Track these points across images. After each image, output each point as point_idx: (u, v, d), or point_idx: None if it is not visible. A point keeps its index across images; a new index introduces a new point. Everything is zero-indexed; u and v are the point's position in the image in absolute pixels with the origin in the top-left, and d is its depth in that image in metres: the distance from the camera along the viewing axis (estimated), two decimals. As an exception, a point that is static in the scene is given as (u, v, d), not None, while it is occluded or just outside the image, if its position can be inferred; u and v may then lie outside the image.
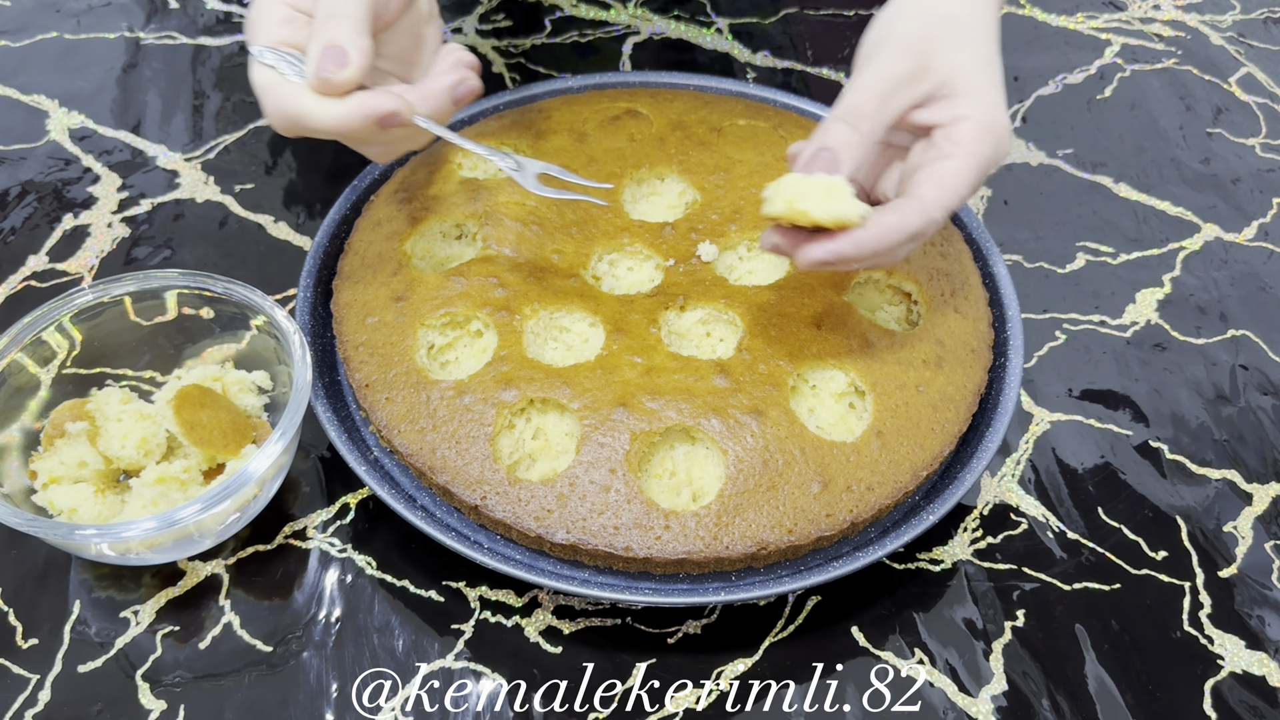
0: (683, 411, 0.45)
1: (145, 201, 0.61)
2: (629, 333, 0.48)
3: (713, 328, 0.50)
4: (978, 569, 0.47)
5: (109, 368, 0.53)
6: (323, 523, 0.48)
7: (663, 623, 0.45)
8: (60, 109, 0.66)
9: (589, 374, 0.46)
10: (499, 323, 0.48)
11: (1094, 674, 0.44)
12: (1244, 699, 0.43)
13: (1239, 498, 0.50)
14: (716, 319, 0.50)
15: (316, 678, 0.43)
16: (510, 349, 0.47)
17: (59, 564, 0.46)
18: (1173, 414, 0.53)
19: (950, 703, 0.43)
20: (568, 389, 0.46)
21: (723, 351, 0.48)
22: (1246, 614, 0.46)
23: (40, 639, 0.44)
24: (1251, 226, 0.63)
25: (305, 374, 0.45)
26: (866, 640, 0.45)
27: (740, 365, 0.47)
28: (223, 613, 0.45)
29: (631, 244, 0.52)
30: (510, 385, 0.46)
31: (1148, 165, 0.66)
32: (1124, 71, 0.73)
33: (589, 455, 0.44)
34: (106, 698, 0.42)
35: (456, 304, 0.49)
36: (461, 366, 0.49)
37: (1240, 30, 0.76)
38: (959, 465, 0.47)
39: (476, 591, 0.46)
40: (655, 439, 0.45)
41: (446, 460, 0.45)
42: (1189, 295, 0.59)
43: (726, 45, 0.73)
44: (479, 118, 0.61)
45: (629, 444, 0.44)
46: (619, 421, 0.45)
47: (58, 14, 0.73)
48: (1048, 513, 0.49)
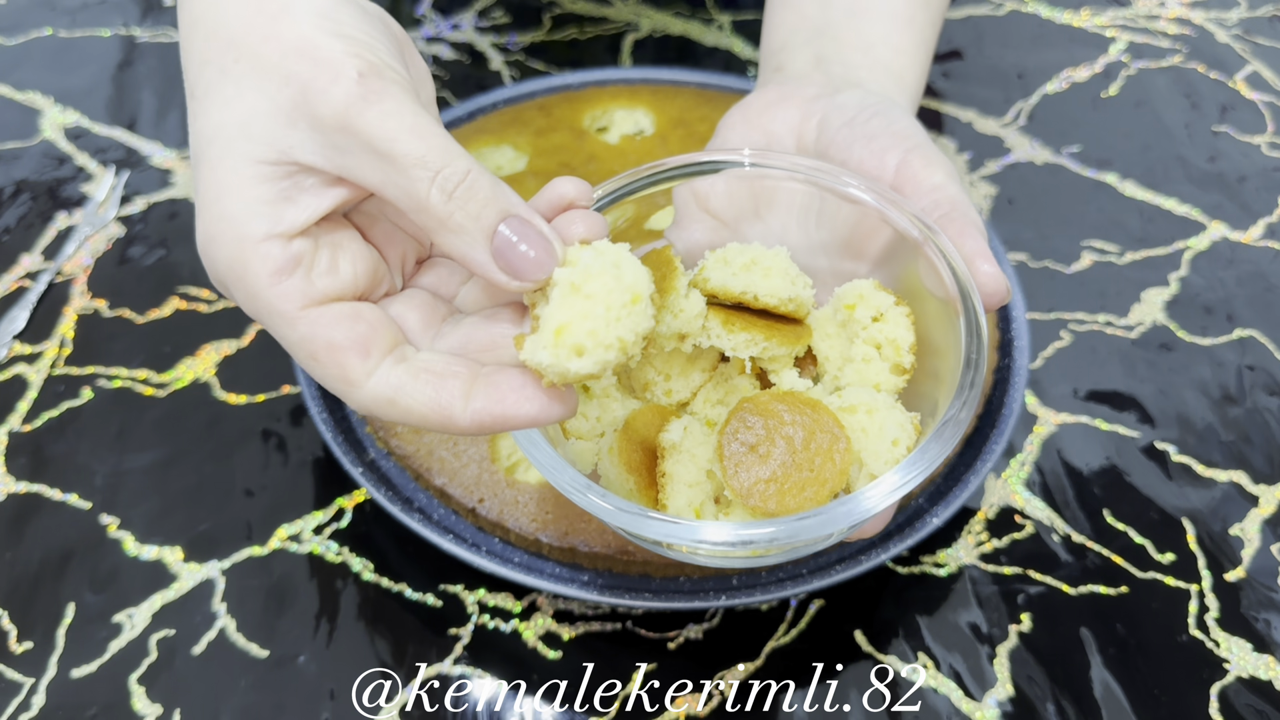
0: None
1: (140, 200, 0.61)
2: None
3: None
4: (982, 572, 0.47)
5: (101, 366, 0.52)
6: (319, 525, 0.47)
7: (663, 627, 0.44)
8: (54, 107, 0.66)
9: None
10: (497, 323, 0.48)
11: (1099, 678, 0.44)
12: (1250, 703, 0.43)
13: (1246, 500, 0.50)
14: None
15: (313, 682, 0.42)
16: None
17: (53, 567, 0.46)
18: (1179, 415, 0.53)
19: (954, 708, 0.42)
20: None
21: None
22: (1253, 617, 0.45)
23: (34, 643, 0.43)
24: (1258, 225, 0.62)
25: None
26: (870, 644, 0.44)
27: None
28: (217, 616, 0.44)
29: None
30: (509, 386, 0.46)
31: (1154, 163, 0.66)
32: (1129, 69, 0.72)
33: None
34: (101, 702, 0.42)
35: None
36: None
37: (1246, 28, 0.75)
38: (963, 467, 0.47)
39: (475, 595, 0.45)
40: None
41: (444, 462, 0.45)
42: (1195, 295, 0.58)
43: (728, 41, 0.73)
44: (477, 115, 0.60)
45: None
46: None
47: (52, 11, 0.73)
48: (1053, 515, 0.49)
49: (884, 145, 0.36)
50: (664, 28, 0.74)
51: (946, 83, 0.71)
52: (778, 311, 0.35)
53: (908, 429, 0.32)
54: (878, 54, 0.43)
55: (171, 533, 0.47)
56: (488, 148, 0.57)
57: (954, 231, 0.34)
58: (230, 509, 0.48)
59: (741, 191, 0.38)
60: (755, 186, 0.37)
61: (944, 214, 0.34)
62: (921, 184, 0.35)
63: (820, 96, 0.39)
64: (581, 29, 0.73)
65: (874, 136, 0.36)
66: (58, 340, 0.54)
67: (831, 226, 0.37)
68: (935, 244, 0.34)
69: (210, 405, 0.51)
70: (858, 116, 0.37)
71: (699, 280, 0.35)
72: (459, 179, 0.28)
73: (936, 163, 0.36)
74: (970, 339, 0.32)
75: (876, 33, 0.43)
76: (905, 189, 0.35)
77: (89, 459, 0.49)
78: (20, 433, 0.50)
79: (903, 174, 0.36)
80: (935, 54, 0.72)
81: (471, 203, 0.28)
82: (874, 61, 0.43)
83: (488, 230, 0.28)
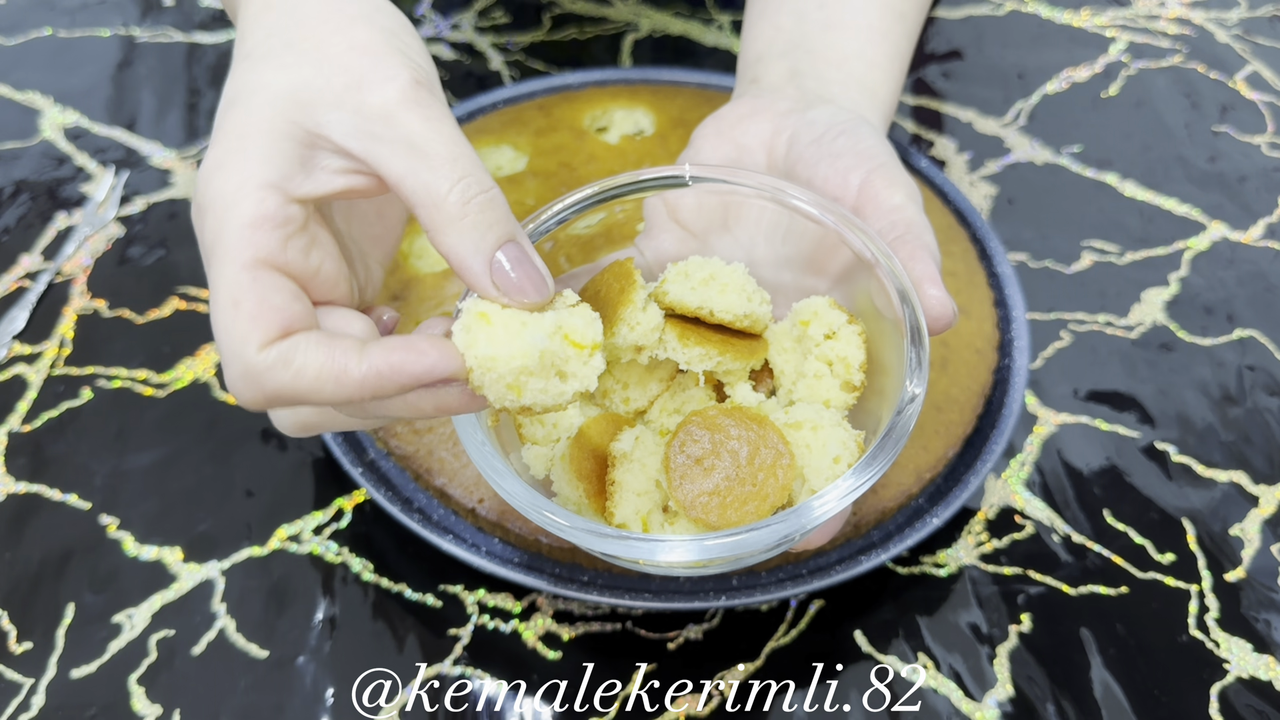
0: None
1: (139, 200, 0.61)
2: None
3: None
4: (982, 573, 0.47)
5: (101, 366, 0.52)
6: (319, 526, 0.47)
7: (663, 628, 0.44)
8: (54, 107, 0.66)
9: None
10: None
11: (1099, 679, 0.43)
12: (1250, 703, 0.43)
13: (1246, 500, 0.50)
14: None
15: (312, 682, 0.42)
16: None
17: (53, 567, 0.45)
18: (1179, 415, 0.53)
19: (954, 708, 0.42)
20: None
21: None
22: (1253, 618, 0.45)
23: (34, 643, 0.43)
24: (1258, 225, 0.62)
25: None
26: (870, 645, 0.44)
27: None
28: (217, 617, 0.44)
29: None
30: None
31: (1154, 163, 0.66)
32: (1130, 69, 0.72)
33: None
34: (100, 702, 0.42)
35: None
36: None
37: (1246, 28, 0.75)
38: (964, 468, 0.47)
39: (474, 595, 0.45)
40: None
41: (444, 462, 0.45)
42: (1195, 295, 0.58)
43: (728, 42, 0.73)
44: (477, 115, 0.60)
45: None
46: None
47: (51, 11, 0.72)
48: (1053, 515, 0.49)
49: (848, 165, 0.37)
50: (664, 28, 0.73)
51: (946, 83, 0.71)
52: (733, 327, 0.35)
53: (850, 447, 0.33)
54: (851, 68, 0.44)
55: (171, 533, 0.47)
56: (488, 148, 0.57)
57: (905, 254, 0.34)
58: (230, 509, 0.48)
59: (711, 204, 0.39)
60: (725, 200, 0.38)
61: (899, 235, 0.35)
62: (882, 204, 0.36)
63: (792, 112, 0.40)
64: (581, 29, 0.73)
65: (839, 155, 0.37)
66: (57, 340, 0.54)
67: (796, 243, 0.38)
68: (889, 267, 0.34)
69: (210, 405, 0.51)
70: (826, 134, 0.38)
71: (658, 293, 0.35)
72: (479, 190, 0.29)
73: (898, 183, 0.36)
74: (912, 364, 0.32)
75: (851, 47, 0.44)
76: (866, 209, 0.36)
77: (89, 459, 0.49)
78: (20, 433, 0.50)
79: (864, 194, 0.36)
80: (935, 54, 0.72)
81: (486, 213, 0.29)
82: (847, 76, 0.43)
83: (493, 244, 0.29)
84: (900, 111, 0.68)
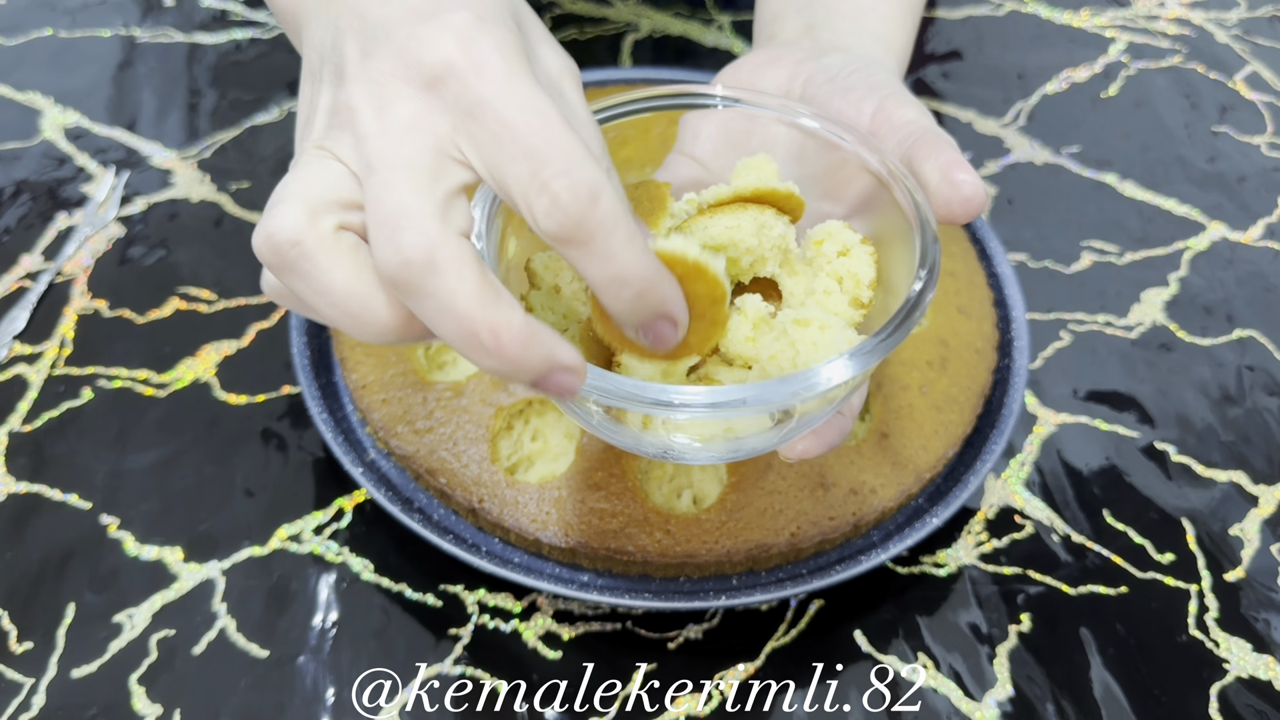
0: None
1: (140, 200, 0.61)
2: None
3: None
4: (982, 573, 0.47)
5: (101, 366, 0.52)
6: (319, 526, 0.47)
7: (663, 627, 0.44)
8: (54, 107, 0.66)
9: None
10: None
11: (1099, 678, 0.44)
12: (1250, 703, 0.43)
13: (1245, 500, 0.50)
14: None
15: (313, 682, 0.42)
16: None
17: (53, 567, 0.46)
18: (1179, 415, 0.53)
19: (954, 708, 0.42)
20: (567, 390, 0.45)
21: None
22: (1253, 618, 0.46)
23: (34, 643, 0.43)
24: (1258, 226, 0.62)
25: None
26: (870, 644, 0.44)
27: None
28: (218, 616, 0.44)
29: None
30: (508, 386, 0.46)
31: (1153, 164, 0.66)
32: (1129, 69, 0.72)
33: (588, 457, 0.44)
34: (101, 702, 0.42)
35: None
36: (459, 367, 0.48)
37: (1246, 28, 0.75)
38: (963, 467, 0.47)
39: (475, 595, 0.45)
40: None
41: (444, 462, 0.45)
42: (1195, 295, 0.58)
43: (728, 42, 0.73)
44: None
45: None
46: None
47: (52, 11, 0.72)
48: (1053, 515, 0.49)
49: (860, 95, 0.37)
50: (664, 28, 0.74)
51: (946, 83, 0.71)
52: (770, 196, 0.36)
53: (856, 345, 0.33)
54: (866, 21, 0.45)
55: (172, 533, 0.47)
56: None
57: (927, 150, 0.35)
58: (230, 509, 0.48)
59: (726, 139, 0.39)
60: (739, 136, 0.39)
61: (916, 139, 0.35)
62: (895, 122, 0.36)
63: (807, 59, 0.41)
64: (581, 29, 0.73)
65: (852, 89, 0.38)
66: (58, 340, 0.54)
67: (812, 170, 0.38)
68: (905, 185, 0.35)
69: (210, 405, 0.51)
70: (839, 74, 0.39)
71: (683, 226, 0.36)
72: (646, 283, 0.28)
73: (910, 103, 0.37)
74: (924, 257, 0.33)
75: (865, 2, 0.45)
76: (881, 130, 0.37)
77: (89, 459, 0.49)
78: (20, 433, 0.50)
79: (878, 118, 0.37)
80: (935, 54, 0.73)
81: (645, 301, 0.28)
82: (861, 29, 0.44)
83: (645, 320, 0.29)
84: (900, 112, 0.68)
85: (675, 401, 0.30)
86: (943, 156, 0.34)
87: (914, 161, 0.35)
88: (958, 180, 0.34)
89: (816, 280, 0.35)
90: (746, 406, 0.30)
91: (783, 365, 0.33)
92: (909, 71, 0.71)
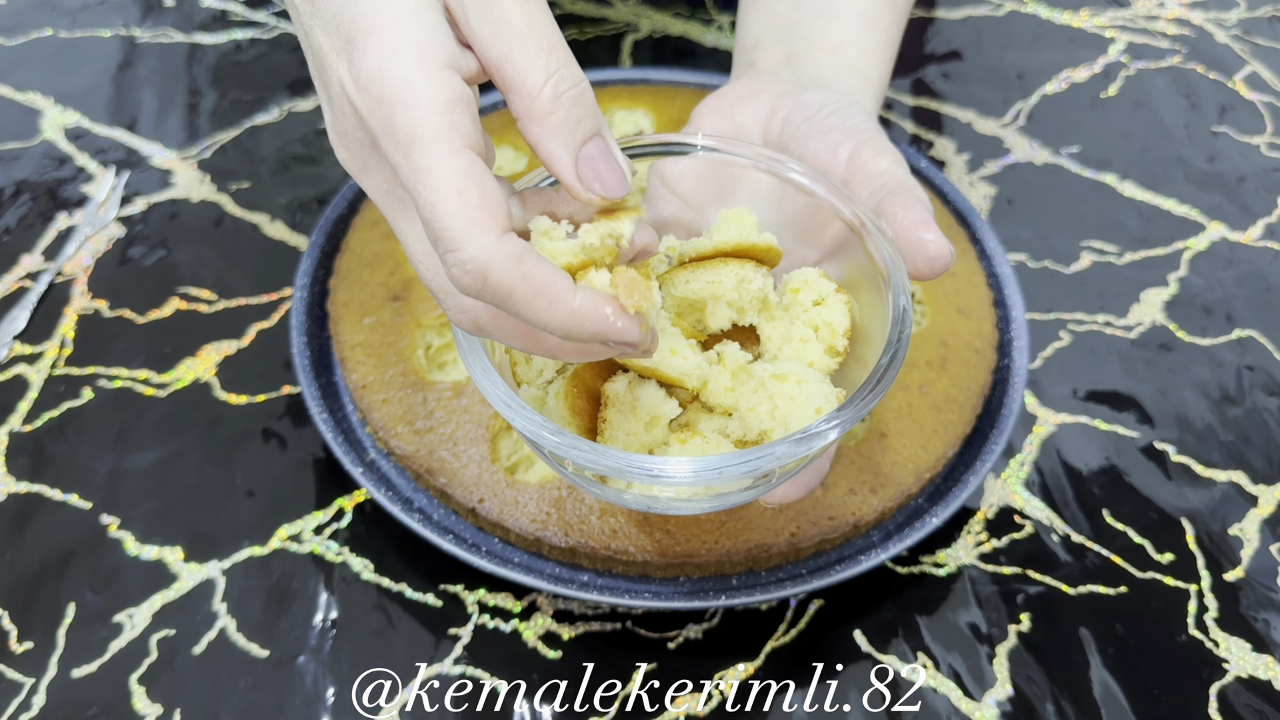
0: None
1: (140, 200, 0.61)
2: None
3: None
4: (982, 572, 0.47)
5: (101, 366, 0.52)
6: (319, 525, 0.47)
7: (663, 627, 0.45)
8: (54, 107, 0.66)
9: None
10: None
11: (1099, 678, 0.44)
12: (1249, 703, 0.43)
13: (1245, 500, 0.50)
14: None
15: (313, 682, 0.42)
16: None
17: (53, 567, 0.46)
18: (1178, 415, 0.53)
19: (954, 708, 0.42)
20: (567, 390, 0.45)
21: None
22: (1252, 617, 0.46)
23: (35, 643, 0.43)
24: (1257, 226, 0.62)
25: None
26: (869, 644, 0.44)
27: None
28: (218, 616, 0.44)
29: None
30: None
31: (1153, 164, 0.66)
32: (1129, 69, 0.72)
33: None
34: (101, 702, 0.42)
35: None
36: (459, 367, 0.48)
37: (1245, 28, 0.75)
38: (963, 467, 0.47)
39: (475, 595, 0.45)
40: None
41: (444, 462, 0.45)
42: (1195, 295, 0.58)
43: (728, 42, 0.73)
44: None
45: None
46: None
47: (52, 11, 0.73)
48: (1053, 515, 0.49)
49: (837, 140, 0.38)
50: (663, 28, 0.74)
51: (946, 83, 0.71)
52: (750, 250, 0.36)
53: (832, 401, 0.34)
54: (845, 54, 0.45)
55: (172, 533, 0.47)
56: (488, 148, 0.57)
57: (897, 205, 0.35)
58: (230, 509, 0.48)
59: (708, 176, 0.40)
60: (721, 173, 0.39)
61: (889, 192, 0.36)
62: (870, 171, 0.37)
63: (788, 94, 0.41)
64: (581, 29, 0.73)
65: (829, 131, 0.38)
66: (58, 340, 0.54)
67: (790, 215, 0.39)
68: (876, 235, 0.35)
69: (210, 405, 0.51)
70: (818, 113, 0.39)
71: (664, 278, 0.36)
72: (571, 84, 0.29)
73: (885, 151, 0.37)
74: (894, 322, 0.34)
75: (845, 34, 0.45)
76: (855, 178, 0.37)
77: (89, 459, 0.49)
78: (21, 433, 0.50)
79: (853, 164, 0.37)
80: (935, 54, 0.73)
81: (576, 108, 0.29)
82: (841, 61, 0.45)
83: (581, 138, 0.29)
84: (900, 112, 0.68)
85: (659, 473, 0.31)
86: (911, 214, 0.35)
87: (884, 215, 0.36)
88: (923, 240, 0.34)
89: (793, 328, 0.36)
90: (723, 476, 0.31)
91: (761, 418, 0.34)
92: (909, 72, 0.71)
